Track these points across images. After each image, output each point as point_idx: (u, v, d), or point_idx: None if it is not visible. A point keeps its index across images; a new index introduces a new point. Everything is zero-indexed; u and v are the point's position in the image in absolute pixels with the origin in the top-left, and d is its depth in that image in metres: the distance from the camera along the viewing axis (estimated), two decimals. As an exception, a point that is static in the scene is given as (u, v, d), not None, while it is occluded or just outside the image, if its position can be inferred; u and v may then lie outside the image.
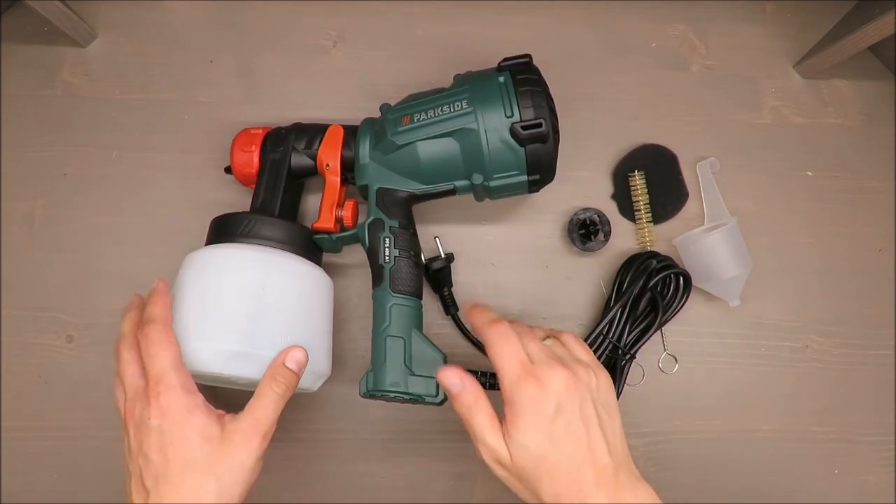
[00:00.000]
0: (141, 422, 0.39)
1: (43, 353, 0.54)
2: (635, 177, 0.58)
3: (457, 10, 0.62)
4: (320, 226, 0.50)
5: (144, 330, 0.40)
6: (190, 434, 0.38)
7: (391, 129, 0.48)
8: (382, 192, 0.49)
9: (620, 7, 0.63)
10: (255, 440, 0.39)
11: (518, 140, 0.46)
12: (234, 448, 0.39)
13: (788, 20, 0.64)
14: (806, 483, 0.56)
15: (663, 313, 0.53)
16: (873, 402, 0.58)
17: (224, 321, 0.42)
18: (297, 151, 0.51)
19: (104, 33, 0.60)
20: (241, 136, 0.53)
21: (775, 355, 0.58)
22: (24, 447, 0.53)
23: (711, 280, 0.54)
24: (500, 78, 0.47)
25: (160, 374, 0.39)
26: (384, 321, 0.46)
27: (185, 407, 0.38)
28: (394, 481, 0.54)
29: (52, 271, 0.56)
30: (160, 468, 0.38)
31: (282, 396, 0.41)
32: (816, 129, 0.62)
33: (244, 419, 0.40)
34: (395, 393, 0.45)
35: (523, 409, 0.38)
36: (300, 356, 0.42)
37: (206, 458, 0.38)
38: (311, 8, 0.62)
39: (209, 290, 0.43)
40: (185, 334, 0.42)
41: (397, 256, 0.47)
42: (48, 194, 0.57)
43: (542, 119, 0.46)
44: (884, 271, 0.60)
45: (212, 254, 0.45)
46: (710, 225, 0.58)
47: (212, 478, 0.38)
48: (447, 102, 0.47)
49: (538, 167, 0.48)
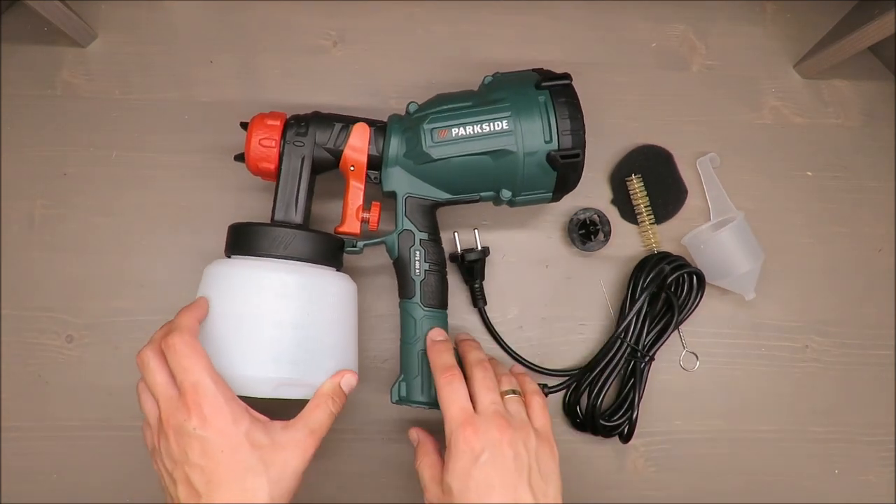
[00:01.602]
0: (182, 431, 0.38)
1: (43, 353, 0.54)
2: (633, 180, 0.57)
3: (457, 10, 0.62)
4: (344, 230, 0.49)
5: (170, 340, 0.40)
6: (239, 442, 0.38)
7: (427, 140, 0.47)
8: (410, 200, 0.49)
9: (620, 7, 0.63)
10: (309, 450, 0.41)
11: (553, 166, 0.47)
12: (287, 455, 0.40)
13: (788, 20, 0.64)
14: (806, 483, 0.56)
15: (679, 313, 0.53)
16: (873, 402, 0.58)
17: (272, 349, 0.42)
18: (319, 147, 0.48)
19: (104, 33, 0.60)
20: (257, 125, 0.48)
21: (775, 355, 0.58)
22: (24, 447, 0.53)
23: (726, 276, 0.54)
24: (540, 97, 0.47)
25: (197, 383, 0.39)
26: (415, 334, 0.48)
27: (229, 416, 0.39)
28: (394, 481, 0.54)
29: (52, 271, 0.56)
30: (212, 473, 0.38)
31: (335, 414, 0.44)
32: (816, 129, 0.62)
33: (299, 429, 0.41)
34: (427, 404, 0.48)
35: (455, 454, 0.40)
36: (353, 382, 0.46)
37: (258, 462, 0.39)
38: (311, 8, 0.62)
39: (254, 314, 0.42)
40: (232, 361, 0.41)
41: (427, 270, 0.48)
42: (48, 194, 0.57)
43: (580, 150, 0.46)
44: (884, 271, 0.60)
45: (251, 273, 0.44)
46: (717, 220, 0.58)
47: (265, 479, 0.38)
48: (487, 120, 0.46)
49: (566, 186, 0.49)
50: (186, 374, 0.39)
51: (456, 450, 0.40)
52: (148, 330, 0.54)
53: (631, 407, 0.52)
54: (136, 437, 0.53)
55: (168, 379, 0.40)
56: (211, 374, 0.39)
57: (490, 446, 0.39)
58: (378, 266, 0.56)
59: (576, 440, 0.55)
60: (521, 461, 0.40)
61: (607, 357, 0.53)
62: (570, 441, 0.55)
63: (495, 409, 0.42)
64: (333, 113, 0.51)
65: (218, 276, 0.45)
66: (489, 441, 0.39)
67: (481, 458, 0.39)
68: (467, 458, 0.39)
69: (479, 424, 0.40)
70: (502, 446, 0.40)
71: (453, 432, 0.40)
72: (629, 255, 0.58)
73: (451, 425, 0.41)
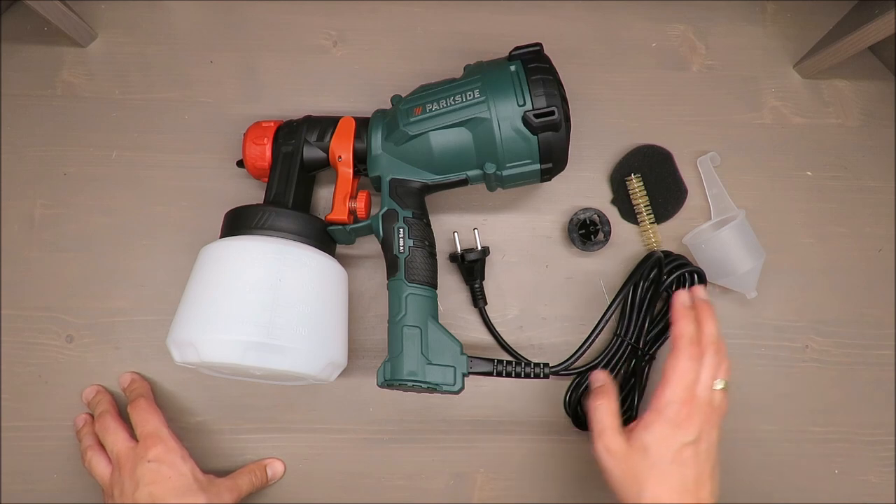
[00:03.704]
0: (138, 464, 0.46)
1: (43, 353, 0.54)
2: (632, 180, 0.57)
3: (457, 10, 0.62)
4: (334, 217, 0.50)
5: (134, 403, 0.50)
6: (185, 473, 0.47)
7: (403, 119, 0.48)
8: (395, 183, 0.49)
9: (620, 7, 0.63)
10: (234, 497, 0.49)
11: (531, 129, 0.46)
12: (221, 491, 0.48)
13: (788, 20, 0.64)
14: (806, 483, 0.56)
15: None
16: (873, 402, 0.58)
17: (242, 312, 0.43)
18: (310, 144, 0.51)
19: (104, 33, 0.60)
20: (253, 129, 0.53)
21: (775, 355, 0.58)
22: (24, 447, 0.53)
23: (727, 275, 0.54)
24: (511, 67, 0.47)
25: (155, 430, 0.48)
26: (400, 311, 0.46)
27: (179, 455, 0.47)
28: (394, 481, 0.54)
29: (52, 271, 0.56)
30: (159, 496, 0.45)
31: (256, 487, 0.51)
32: (816, 129, 0.62)
33: (228, 480, 0.50)
34: (413, 382, 0.45)
35: (665, 421, 0.43)
36: (280, 470, 0.53)
37: (198, 488, 0.46)
38: (311, 8, 0.62)
39: (226, 281, 0.44)
40: (203, 326, 0.43)
41: (412, 246, 0.48)
42: (48, 194, 0.57)
43: (555, 107, 0.46)
44: (884, 271, 0.60)
45: (227, 246, 0.46)
46: (718, 219, 0.58)
47: (204, 497, 0.46)
48: (459, 92, 0.47)
49: (551, 155, 0.48)
50: (146, 425, 0.48)
51: (665, 417, 0.43)
52: (148, 330, 0.54)
53: (630, 408, 0.52)
54: (136, 437, 0.53)
55: (127, 435, 0.48)
56: (166, 426, 0.49)
57: (702, 432, 0.43)
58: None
59: (576, 440, 0.55)
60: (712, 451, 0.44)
61: (609, 356, 0.53)
62: (571, 440, 0.55)
63: (709, 400, 0.44)
64: (324, 115, 0.53)
65: (200, 257, 0.47)
66: (701, 427, 0.43)
67: (690, 438, 0.43)
68: (676, 431, 0.43)
69: (695, 409, 0.44)
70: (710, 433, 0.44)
71: (671, 401, 0.44)
72: (629, 255, 0.58)
73: (672, 393, 0.44)
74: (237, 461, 0.53)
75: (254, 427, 0.54)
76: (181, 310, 0.45)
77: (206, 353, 0.42)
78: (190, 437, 0.53)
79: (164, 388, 0.54)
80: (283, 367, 0.43)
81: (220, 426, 0.54)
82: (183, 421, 0.54)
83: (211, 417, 0.54)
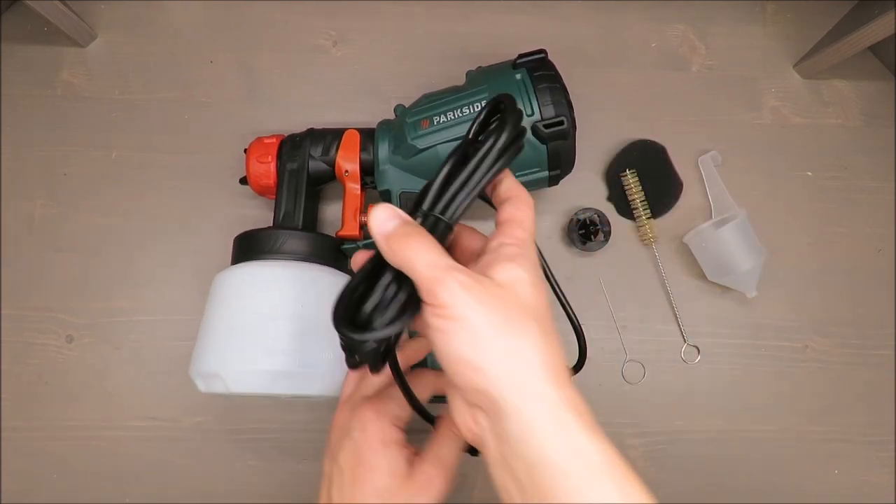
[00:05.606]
0: (346, 429, 0.39)
1: (43, 353, 0.54)
2: (627, 175, 0.57)
3: (457, 10, 0.62)
4: (345, 233, 0.50)
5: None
6: (380, 464, 0.38)
7: (411, 132, 0.48)
8: (406, 197, 0.49)
9: (620, 7, 0.63)
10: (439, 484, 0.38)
11: (540, 138, 0.46)
12: (415, 491, 0.37)
13: (788, 20, 0.64)
14: (806, 483, 0.56)
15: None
16: (873, 402, 0.58)
17: (269, 342, 0.42)
18: (314, 159, 0.50)
19: (104, 33, 0.60)
20: (255, 146, 0.51)
21: (775, 355, 0.58)
22: (24, 447, 0.53)
23: (728, 274, 0.54)
24: (517, 75, 0.47)
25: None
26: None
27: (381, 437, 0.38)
28: (394, 481, 0.54)
29: (52, 271, 0.56)
30: (347, 485, 0.38)
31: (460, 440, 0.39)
32: (816, 129, 0.62)
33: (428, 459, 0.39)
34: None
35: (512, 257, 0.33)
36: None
37: (388, 490, 0.37)
38: (311, 8, 0.62)
39: (248, 309, 0.43)
40: (230, 358, 0.42)
41: None
42: (48, 194, 0.57)
43: (564, 117, 0.46)
44: (884, 271, 0.60)
45: (245, 273, 0.45)
46: (719, 218, 0.58)
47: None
48: (466, 103, 0.47)
49: (559, 162, 0.48)
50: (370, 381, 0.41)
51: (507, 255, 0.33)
52: (148, 330, 0.54)
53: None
54: (136, 437, 0.53)
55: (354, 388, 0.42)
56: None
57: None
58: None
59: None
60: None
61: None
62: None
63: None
64: (327, 128, 0.52)
65: (216, 284, 0.46)
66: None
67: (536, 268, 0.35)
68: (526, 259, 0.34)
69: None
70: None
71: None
72: (629, 255, 0.58)
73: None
74: (237, 461, 0.53)
75: (254, 427, 0.54)
76: (203, 339, 0.44)
77: (234, 384, 0.41)
78: (190, 437, 0.53)
79: (163, 389, 0.54)
80: (312, 392, 0.43)
81: (221, 426, 0.54)
82: (183, 421, 0.54)
83: (211, 417, 0.54)
